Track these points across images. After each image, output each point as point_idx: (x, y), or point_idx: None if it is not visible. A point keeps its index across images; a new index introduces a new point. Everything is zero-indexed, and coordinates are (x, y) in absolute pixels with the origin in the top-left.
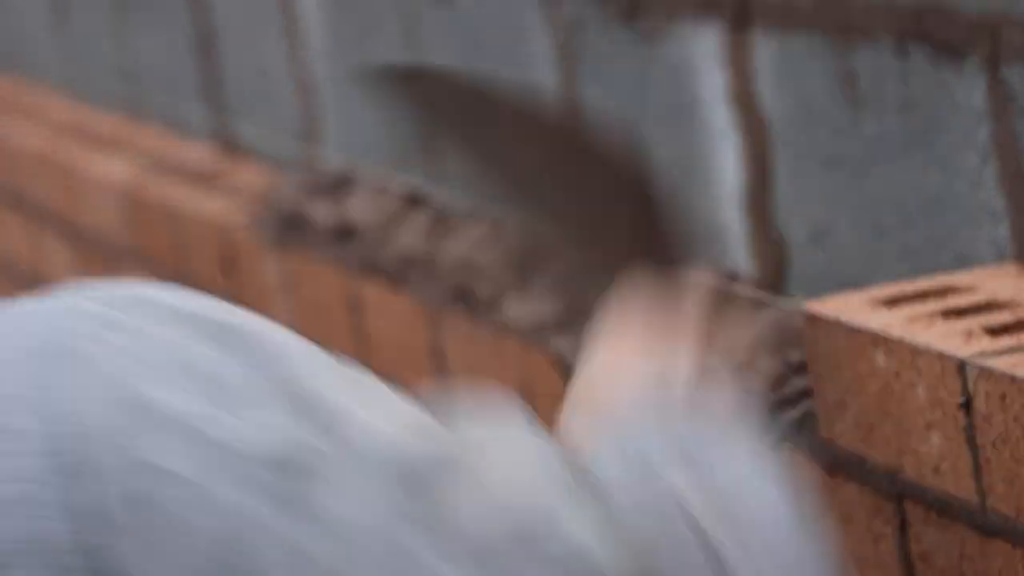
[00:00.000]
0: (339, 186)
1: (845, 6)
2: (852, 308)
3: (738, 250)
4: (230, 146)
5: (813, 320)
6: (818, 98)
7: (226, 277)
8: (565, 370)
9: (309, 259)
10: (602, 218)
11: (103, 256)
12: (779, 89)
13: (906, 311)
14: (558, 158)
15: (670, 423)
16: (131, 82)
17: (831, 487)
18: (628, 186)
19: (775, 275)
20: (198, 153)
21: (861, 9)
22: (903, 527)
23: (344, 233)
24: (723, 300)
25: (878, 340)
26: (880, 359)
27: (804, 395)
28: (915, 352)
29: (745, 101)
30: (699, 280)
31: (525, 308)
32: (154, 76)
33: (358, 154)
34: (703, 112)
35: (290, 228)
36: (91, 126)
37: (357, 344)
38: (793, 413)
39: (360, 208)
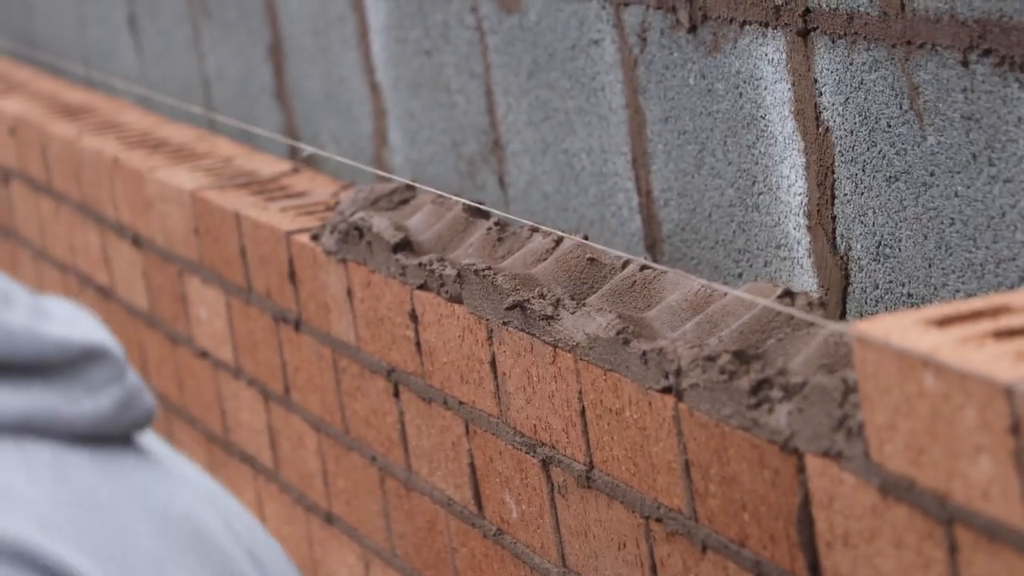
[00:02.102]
0: (402, 198)
1: (908, 18)
2: (902, 328)
3: (802, 264)
4: (299, 156)
5: (862, 340)
6: (881, 111)
7: (290, 287)
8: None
9: (370, 270)
10: None
11: (172, 266)
12: (842, 101)
13: (957, 332)
14: None
15: None
16: (208, 92)
17: (881, 510)
18: None
19: (838, 290)
20: (268, 162)
21: (924, 21)
22: (953, 552)
23: (404, 245)
24: (780, 319)
25: (927, 362)
26: (929, 381)
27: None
28: (963, 374)
29: (808, 113)
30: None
31: (579, 323)
32: (230, 85)
33: (423, 163)
34: (768, 123)
35: (352, 239)
36: (164, 136)
37: (416, 356)
38: (848, 433)
39: (422, 220)
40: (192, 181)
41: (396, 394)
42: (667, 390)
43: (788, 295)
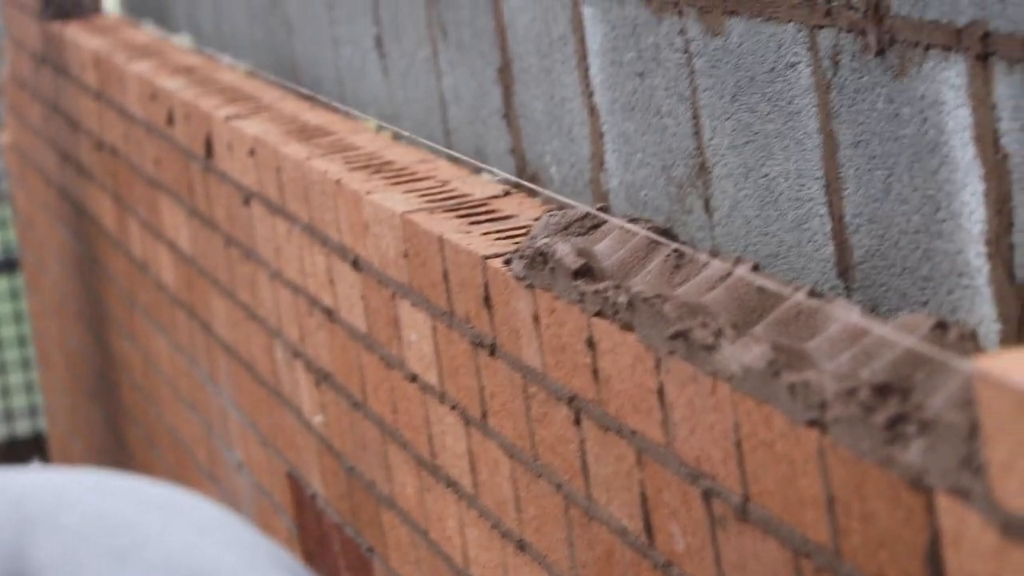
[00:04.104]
0: (594, 223)
1: None
2: (1023, 365)
3: (983, 293)
4: (526, 176)
5: (982, 377)
6: None
7: (486, 312)
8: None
9: (554, 297)
10: None
11: (386, 289)
12: (1019, 127)
13: None
14: None
15: None
16: (445, 113)
17: (1002, 552)
18: None
19: (1015, 321)
20: (482, 185)
21: None
22: None
23: (585, 272)
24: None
25: None
26: None
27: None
28: None
29: (987, 139)
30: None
31: (737, 353)
32: (464, 107)
33: (637, 186)
34: (950, 149)
35: (537, 265)
36: (389, 158)
37: (594, 384)
38: (974, 471)
39: (608, 246)
40: (404, 204)
41: (577, 422)
42: (813, 423)
43: (941, 327)
